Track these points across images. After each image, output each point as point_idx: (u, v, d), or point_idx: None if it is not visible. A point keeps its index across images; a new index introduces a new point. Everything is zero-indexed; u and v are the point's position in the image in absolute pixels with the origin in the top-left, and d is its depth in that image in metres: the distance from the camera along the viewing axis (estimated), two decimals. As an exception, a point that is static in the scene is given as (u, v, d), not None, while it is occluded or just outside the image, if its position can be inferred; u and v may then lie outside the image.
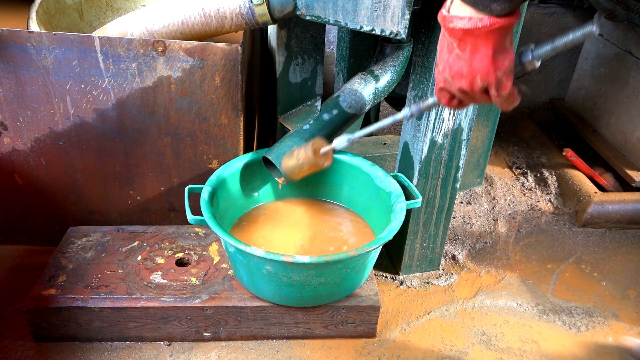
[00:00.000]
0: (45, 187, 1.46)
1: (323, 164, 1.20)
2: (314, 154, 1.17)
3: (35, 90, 1.29)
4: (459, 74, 0.82)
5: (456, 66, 0.82)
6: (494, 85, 0.81)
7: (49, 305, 1.23)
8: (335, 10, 1.13)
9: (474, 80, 0.81)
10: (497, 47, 0.78)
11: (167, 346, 1.31)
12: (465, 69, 0.81)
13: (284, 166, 1.23)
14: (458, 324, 1.44)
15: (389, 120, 1.04)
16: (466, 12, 0.76)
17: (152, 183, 1.48)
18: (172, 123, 1.37)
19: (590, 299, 1.56)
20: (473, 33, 0.76)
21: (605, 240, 1.81)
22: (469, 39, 0.77)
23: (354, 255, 1.13)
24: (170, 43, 1.24)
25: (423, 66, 1.26)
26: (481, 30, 0.75)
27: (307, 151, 1.18)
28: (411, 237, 1.50)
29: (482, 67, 0.79)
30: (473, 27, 0.75)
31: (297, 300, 1.25)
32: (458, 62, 0.81)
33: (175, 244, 1.41)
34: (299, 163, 1.19)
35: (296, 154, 1.20)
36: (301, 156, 1.19)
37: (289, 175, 1.24)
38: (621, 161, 2.00)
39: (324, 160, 1.19)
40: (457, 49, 0.80)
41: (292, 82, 1.41)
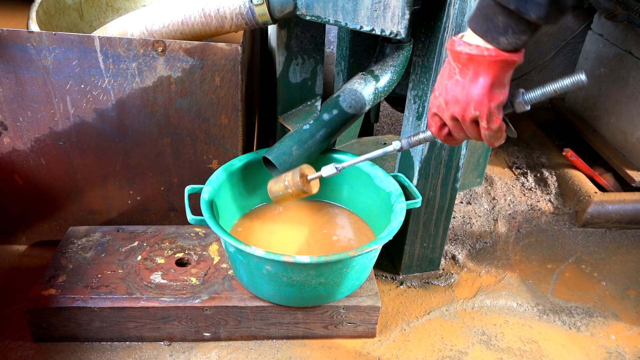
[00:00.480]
0: (45, 187, 1.46)
1: (310, 191, 1.20)
2: (302, 180, 1.18)
3: (35, 90, 1.29)
4: (454, 99, 0.84)
5: (453, 91, 0.84)
6: (485, 117, 0.83)
7: (49, 305, 1.23)
8: (335, 10, 1.13)
9: (467, 107, 0.84)
10: (496, 80, 0.81)
11: (167, 346, 1.31)
12: (461, 95, 0.83)
13: (270, 190, 1.23)
14: (458, 324, 1.44)
15: (379, 152, 1.06)
16: (475, 40, 0.79)
17: (152, 183, 1.48)
18: (172, 123, 1.37)
19: (590, 299, 1.56)
20: (477, 60, 0.79)
21: (605, 240, 1.81)
22: (472, 66, 0.80)
23: (354, 255, 1.13)
24: (170, 43, 1.24)
25: (423, 66, 1.26)
26: (485, 59, 0.78)
27: (295, 177, 1.18)
28: (411, 237, 1.50)
29: (478, 96, 0.82)
30: (478, 55, 0.78)
31: (297, 300, 1.25)
32: (455, 88, 0.84)
33: (175, 244, 1.41)
34: (285, 187, 1.20)
35: (283, 179, 1.21)
36: (288, 181, 1.19)
37: (274, 200, 1.24)
38: (621, 161, 2.00)
39: (310, 187, 1.20)
40: (458, 74, 0.83)
41: (292, 82, 1.41)
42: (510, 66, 0.80)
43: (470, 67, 0.81)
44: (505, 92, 0.82)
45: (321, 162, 1.46)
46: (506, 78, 0.81)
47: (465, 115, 0.85)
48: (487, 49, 0.78)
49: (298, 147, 1.29)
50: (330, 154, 1.46)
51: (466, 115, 0.85)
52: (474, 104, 0.82)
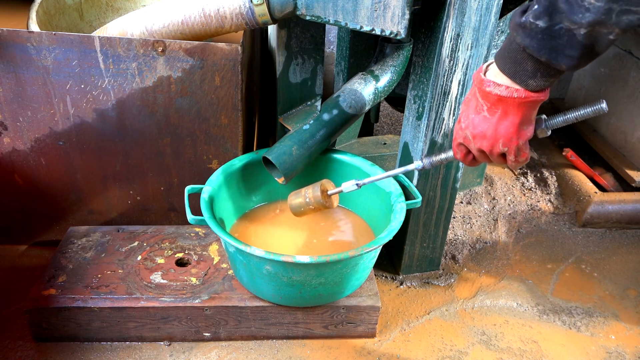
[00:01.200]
0: (45, 187, 1.46)
1: (330, 206, 1.22)
2: (323, 196, 1.19)
3: (35, 90, 1.29)
4: (482, 135, 0.86)
5: (481, 127, 0.86)
6: (513, 152, 0.86)
7: (49, 305, 1.23)
8: (335, 10, 1.13)
9: (495, 144, 0.86)
10: (525, 118, 0.83)
11: (167, 346, 1.31)
12: (489, 132, 0.85)
13: (290, 204, 1.24)
14: (458, 324, 1.44)
15: (400, 170, 1.08)
16: (503, 80, 0.80)
17: (152, 183, 1.48)
18: (172, 123, 1.37)
19: (590, 299, 1.56)
20: (506, 101, 0.81)
21: (605, 240, 1.81)
22: (501, 106, 0.82)
23: (354, 255, 1.13)
24: (170, 43, 1.24)
25: (423, 66, 1.26)
26: (515, 101, 0.80)
27: (315, 192, 1.20)
28: (411, 237, 1.50)
29: (507, 134, 0.84)
30: (508, 96, 0.80)
31: (297, 300, 1.25)
32: (484, 124, 0.85)
33: (175, 244, 1.41)
34: (306, 202, 1.21)
35: (304, 193, 1.22)
36: (309, 196, 1.20)
37: (294, 213, 1.26)
38: (621, 161, 2.00)
39: (331, 202, 1.21)
40: (486, 111, 0.84)
41: (292, 82, 1.41)
42: (537, 105, 0.82)
43: (500, 107, 0.82)
44: (532, 129, 0.85)
45: (321, 161, 1.46)
46: (533, 115, 0.84)
47: (493, 150, 0.88)
48: (517, 90, 0.79)
49: (298, 147, 1.29)
50: (330, 154, 1.46)
51: (494, 150, 0.88)
52: (503, 140, 0.85)
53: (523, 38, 0.74)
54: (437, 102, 1.26)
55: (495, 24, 1.18)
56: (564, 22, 0.69)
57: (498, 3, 1.15)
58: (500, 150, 0.87)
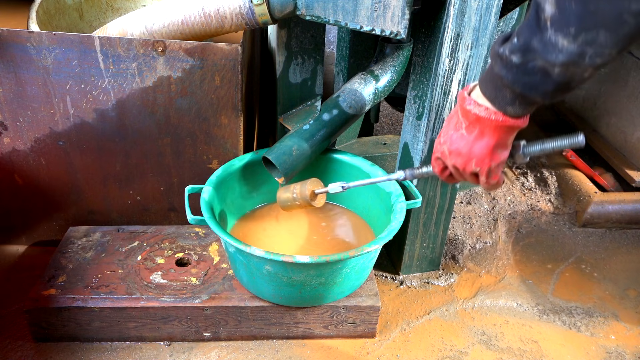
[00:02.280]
0: (45, 187, 1.46)
1: (316, 204, 1.24)
2: (309, 194, 1.21)
3: (35, 90, 1.29)
4: (457, 152, 0.87)
5: (457, 144, 0.87)
6: (485, 173, 0.87)
7: (49, 305, 1.23)
8: (335, 10, 1.13)
9: (469, 162, 0.87)
10: (500, 141, 0.83)
11: (167, 346, 1.31)
12: (464, 150, 0.86)
13: (279, 198, 1.27)
14: (458, 324, 1.44)
15: (383, 179, 1.10)
16: (484, 102, 0.81)
17: (152, 183, 1.48)
18: (172, 123, 1.37)
19: (590, 299, 1.56)
20: (484, 122, 0.82)
21: (605, 240, 1.81)
22: (478, 125, 0.83)
23: (354, 255, 1.13)
24: (170, 43, 1.24)
25: (423, 66, 1.26)
26: (492, 123, 0.81)
27: (303, 189, 1.22)
28: (411, 237, 1.50)
29: (481, 154, 0.85)
30: (486, 117, 0.81)
31: (297, 300, 1.25)
32: (460, 142, 0.86)
33: (175, 244, 1.41)
34: (293, 198, 1.23)
35: (292, 189, 1.24)
36: (297, 192, 1.23)
37: (282, 207, 1.28)
38: (621, 161, 2.00)
39: (317, 201, 1.23)
40: (464, 129, 0.85)
41: (292, 82, 1.41)
42: (514, 130, 0.82)
43: (477, 127, 0.83)
44: (507, 153, 0.86)
45: (321, 161, 1.46)
46: (509, 140, 0.84)
47: (466, 168, 0.88)
48: (495, 113, 0.80)
49: (298, 147, 1.29)
50: (330, 154, 1.46)
51: (467, 169, 0.88)
52: (476, 160, 0.85)
53: (500, 69, 0.75)
54: (437, 102, 1.26)
55: (495, 24, 1.18)
56: (537, 60, 0.70)
57: (498, 3, 1.15)
58: (473, 169, 0.87)
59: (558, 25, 0.65)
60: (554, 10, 0.65)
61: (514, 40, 0.72)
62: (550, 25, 0.66)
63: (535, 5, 0.69)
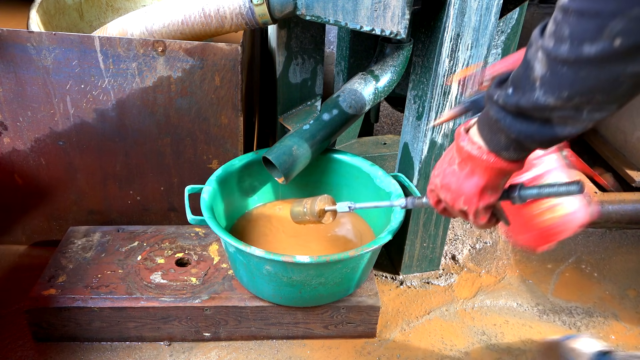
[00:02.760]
0: (45, 187, 1.46)
1: (325, 221, 1.23)
2: (319, 211, 1.21)
3: (35, 90, 1.29)
4: (447, 187, 0.86)
5: (448, 179, 0.85)
6: (472, 213, 0.85)
7: (49, 305, 1.23)
8: (335, 10, 1.13)
9: (457, 199, 0.85)
10: (490, 183, 0.81)
11: (167, 346, 1.31)
12: (454, 186, 0.84)
13: (291, 211, 1.26)
14: (458, 324, 1.44)
15: (386, 204, 1.09)
16: (479, 140, 0.79)
17: (152, 183, 1.48)
18: (172, 123, 1.37)
19: (590, 299, 1.56)
20: (476, 161, 0.79)
21: (605, 240, 1.81)
22: (470, 163, 0.81)
23: (354, 255, 1.13)
24: (170, 43, 1.24)
25: (423, 66, 1.26)
26: (484, 163, 0.78)
27: (313, 205, 1.21)
28: (411, 237, 1.50)
29: (469, 193, 0.83)
30: (478, 157, 0.78)
31: (297, 300, 1.25)
32: (451, 177, 0.85)
33: (175, 244, 1.41)
34: (304, 212, 1.23)
35: (304, 203, 1.23)
36: (307, 207, 1.22)
37: (293, 220, 1.27)
38: (621, 161, 2.00)
39: (326, 218, 1.22)
40: (456, 165, 0.84)
41: (292, 82, 1.41)
42: (506, 174, 0.80)
43: (469, 164, 0.81)
44: (497, 195, 0.83)
45: (321, 161, 1.46)
46: (501, 183, 0.82)
47: (455, 205, 0.87)
48: (488, 154, 0.77)
49: (298, 147, 1.29)
50: (330, 154, 1.46)
51: (455, 206, 0.86)
52: (464, 199, 0.84)
53: (495, 112, 0.72)
54: (437, 102, 1.26)
55: (495, 24, 1.18)
56: (533, 114, 0.67)
57: (498, 3, 1.15)
58: (461, 207, 0.86)
59: (548, 87, 0.62)
60: (545, 71, 0.62)
61: (509, 90, 0.69)
62: (539, 86, 0.63)
63: (525, 61, 0.66)
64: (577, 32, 0.57)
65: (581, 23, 0.56)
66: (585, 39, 0.56)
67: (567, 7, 0.58)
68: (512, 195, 0.85)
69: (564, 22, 0.58)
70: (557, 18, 0.60)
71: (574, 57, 0.58)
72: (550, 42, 0.61)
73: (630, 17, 0.52)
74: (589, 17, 0.55)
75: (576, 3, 0.56)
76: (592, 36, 0.55)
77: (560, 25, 0.59)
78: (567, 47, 0.58)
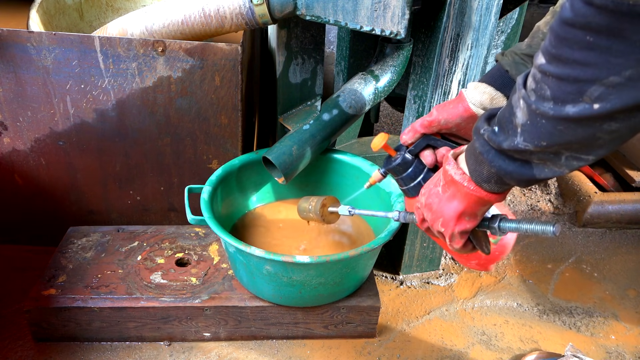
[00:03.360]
0: (45, 187, 1.46)
1: (327, 221, 1.23)
2: (322, 210, 1.21)
3: (35, 90, 1.29)
4: (429, 207, 0.87)
5: (431, 199, 0.87)
6: (448, 236, 0.86)
7: (49, 305, 1.23)
8: (335, 10, 1.13)
9: (436, 220, 0.86)
10: (469, 210, 0.82)
11: (167, 346, 1.31)
12: (435, 206, 0.86)
13: (299, 206, 1.27)
14: (458, 324, 1.44)
15: (381, 214, 1.09)
16: (464, 166, 0.81)
17: (152, 183, 1.48)
18: (172, 123, 1.37)
19: (590, 299, 1.56)
20: (457, 186, 0.81)
21: (605, 240, 1.81)
22: (452, 187, 0.82)
23: (354, 255, 1.13)
24: (170, 43, 1.24)
25: (423, 66, 1.26)
26: (464, 189, 0.80)
27: (317, 203, 1.21)
28: (411, 237, 1.50)
29: (447, 216, 0.84)
30: (459, 182, 0.80)
31: (297, 300, 1.25)
32: (434, 198, 0.86)
33: (175, 244, 1.41)
34: (309, 209, 1.23)
35: (310, 200, 1.24)
36: (312, 205, 1.22)
37: (300, 216, 1.27)
38: (621, 161, 2.00)
39: (328, 218, 1.22)
40: (440, 187, 0.85)
41: (292, 82, 1.41)
42: (486, 204, 0.81)
43: (451, 188, 0.82)
44: (475, 222, 0.84)
45: (321, 161, 1.46)
46: (480, 211, 0.82)
47: (433, 225, 0.88)
48: (469, 181, 0.79)
49: (298, 147, 1.29)
50: (330, 154, 1.46)
51: (434, 226, 0.88)
52: (442, 220, 0.85)
53: (480, 145, 0.74)
54: (437, 102, 1.26)
55: (495, 24, 1.18)
56: (513, 154, 0.69)
57: (498, 3, 1.15)
58: (438, 228, 0.87)
59: (528, 136, 0.65)
60: (525, 121, 0.65)
61: (496, 128, 0.71)
62: (520, 133, 0.66)
63: (509, 105, 0.68)
64: (559, 94, 0.59)
65: (561, 86, 0.58)
66: (567, 101, 0.58)
67: (545, 70, 0.60)
68: (492, 226, 0.86)
69: (543, 83, 0.60)
70: (537, 77, 0.61)
71: (556, 115, 0.60)
72: (532, 95, 0.63)
73: (607, 84, 0.55)
74: (569, 82, 0.57)
75: (555, 68, 0.59)
76: (573, 99, 0.58)
77: (540, 85, 0.61)
78: (550, 105, 0.60)
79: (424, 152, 0.99)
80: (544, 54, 0.60)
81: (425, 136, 0.98)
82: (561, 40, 0.57)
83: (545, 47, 0.60)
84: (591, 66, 0.55)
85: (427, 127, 0.97)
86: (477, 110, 0.94)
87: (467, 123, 0.96)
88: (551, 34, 0.59)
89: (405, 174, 0.99)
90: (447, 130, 0.98)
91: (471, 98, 0.94)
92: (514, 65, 0.93)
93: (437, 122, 0.96)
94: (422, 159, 0.99)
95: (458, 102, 0.96)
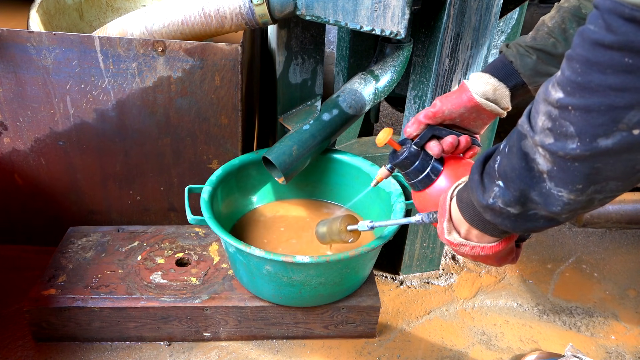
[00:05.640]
0: (45, 187, 1.46)
1: (346, 240, 1.20)
2: (342, 231, 1.18)
3: (35, 90, 1.29)
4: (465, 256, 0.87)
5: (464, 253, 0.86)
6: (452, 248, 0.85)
7: (49, 305, 1.23)
8: (335, 10, 1.13)
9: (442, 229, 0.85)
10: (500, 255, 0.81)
11: (167, 346, 1.31)
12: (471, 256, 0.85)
13: (316, 231, 1.25)
14: (458, 324, 1.44)
15: (404, 221, 1.08)
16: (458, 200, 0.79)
17: (152, 183, 1.48)
18: (172, 123, 1.37)
19: (590, 299, 1.56)
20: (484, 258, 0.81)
21: (605, 240, 1.81)
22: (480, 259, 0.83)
23: (354, 255, 1.13)
24: (170, 43, 1.24)
25: (423, 66, 1.26)
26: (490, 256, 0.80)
27: (335, 224, 1.19)
28: (411, 237, 1.50)
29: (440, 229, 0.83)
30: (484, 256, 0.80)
31: (297, 300, 1.25)
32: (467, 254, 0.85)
33: (175, 244, 1.41)
34: (330, 233, 1.21)
35: (329, 223, 1.21)
36: (333, 227, 1.20)
37: (319, 240, 1.25)
38: (621, 161, 2.00)
39: (348, 237, 1.20)
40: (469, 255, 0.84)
41: (292, 82, 1.41)
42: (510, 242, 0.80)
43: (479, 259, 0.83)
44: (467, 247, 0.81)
45: (321, 161, 1.46)
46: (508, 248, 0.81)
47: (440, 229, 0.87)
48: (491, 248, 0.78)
49: (298, 147, 1.29)
50: (330, 154, 1.46)
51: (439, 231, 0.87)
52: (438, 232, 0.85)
53: (493, 218, 0.71)
54: (437, 102, 1.26)
55: (495, 24, 1.18)
56: (539, 210, 0.65)
57: (498, 3, 1.15)
58: None
59: (559, 181, 0.59)
60: (551, 167, 0.59)
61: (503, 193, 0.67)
62: (548, 179, 0.60)
63: (521, 153, 0.62)
64: (587, 129, 0.53)
65: (589, 119, 0.53)
66: (598, 134, 0.53)
67: (566, 103, 0.54)
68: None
69: (563, 120, 0.55)
70: (552, 114, 0.56)
71: (589, 153, 0.55)
72: (548, 138, 0.57)
73: None
74: (599, 113, 0.52)
75: (580, 99, 0.53)
76: (605, 130, 0.52)
77: (560, 122, 0.55)
78: (577, 144, 0.55)
79: (429, 143, 0.97)
80: (562, 86, 0.55)
81: (430, 127, 0.97)
82: (591, 65, 0.51)
83: (564, 79, 0.54)
84: (629, 91, 0.50)
85: (432, 118, 0.96)
86: (480, 100, 0.93)
87: (470, 113, 0.95)
88: (574, 61, 0.53)
89: (412, 168, 0.98)
90: (450, 121, 0.97)
91: (474, 88, 0.93)
92: (518, 56, 0.92)
93: (441, 112, 0.95)
94: (427, 150, 0.98)
95: (461, 92, 0.95)
